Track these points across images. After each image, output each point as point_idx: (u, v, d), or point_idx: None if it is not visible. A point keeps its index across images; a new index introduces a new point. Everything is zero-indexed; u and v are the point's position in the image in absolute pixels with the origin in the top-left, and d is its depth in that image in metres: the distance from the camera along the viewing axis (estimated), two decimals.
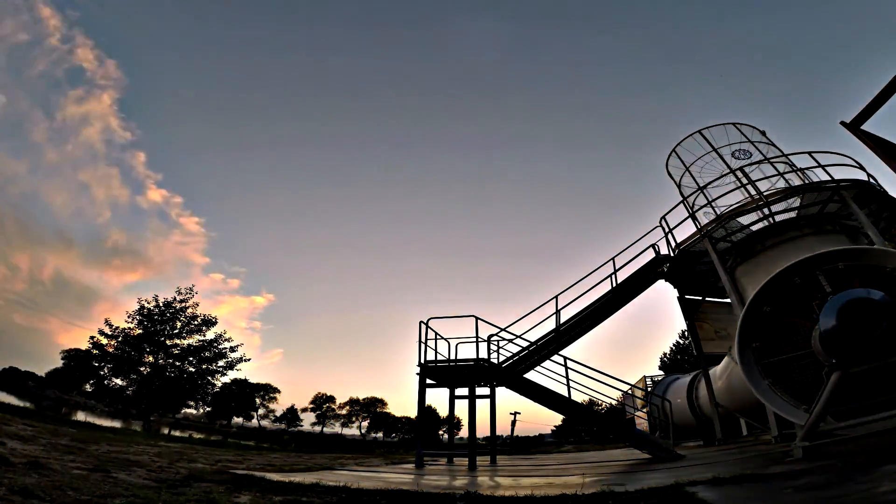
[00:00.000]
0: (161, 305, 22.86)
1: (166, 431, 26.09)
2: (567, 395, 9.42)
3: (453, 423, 25.41)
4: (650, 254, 11.39)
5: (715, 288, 11.68)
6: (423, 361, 9.76)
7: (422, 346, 9.75)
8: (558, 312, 10.79)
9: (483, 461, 10.41)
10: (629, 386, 13.45)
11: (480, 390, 9.79)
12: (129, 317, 22.31)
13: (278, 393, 58.22)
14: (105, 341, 21.78)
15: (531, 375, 10.10)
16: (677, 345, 41.62)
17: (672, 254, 11.17)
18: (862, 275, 5.22)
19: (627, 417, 18.67)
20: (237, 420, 57.49)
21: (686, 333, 34.85)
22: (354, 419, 60.26)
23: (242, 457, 9.14)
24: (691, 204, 11.20)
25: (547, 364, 10.40)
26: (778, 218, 9.28)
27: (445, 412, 43.66)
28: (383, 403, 60.61)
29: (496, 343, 10.65)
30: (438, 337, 10.28)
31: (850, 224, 9.05)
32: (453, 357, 10.28)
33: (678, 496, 3.20)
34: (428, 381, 10.05)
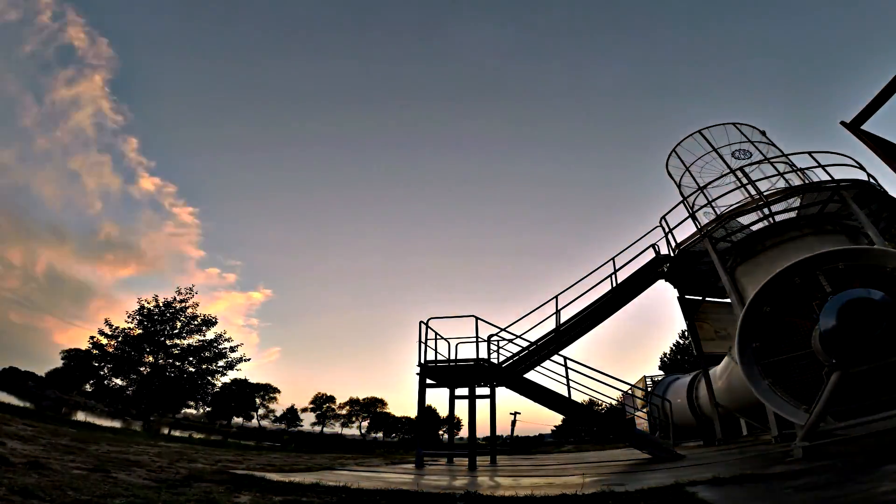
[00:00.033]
0: (161, 305, 22.90)
1: (166, 431, 26.07)
2: (567, 395, 9.42)
3: (453, 423, 25.40)
4: (650, 254, 11.41)
5: (715, 288, 11.68)
6: (423, 361, 9.76)
7: (422, 346, 9.76)
8: (558, 312, 10.80)
9: (483, 461, 10.40)
10: (629, 386, 13.46)
11: (480, 390, 9.79)
12: (129, 317, 22.38)
13: (278, 393, 58.23)
14: (105, 341, 21.81)
15: (531, 375, 10.11)
16: (677, 345, 41.62)
17: (672, 254, 11.18)
18: (862, 275, 5.22)
19: (627, 417, 18.69)
20: (237, 420, 57.45)
21: (686, 333, 34.88)
22: (354, 419, 60.24)
23: (242, 457, 9.14)
24: (691, 204, 11.20)
25: (547, 364, 10.42)
26: (778, 218, 9.29)
27: (445, 412, 43.74)
28: (383, 403, 60.65)
29: (496, 343, 10.66)
30: (438, 337, 10.29)
31: (851, 224, 9.05)
32: (453, 357, 10.28)
33: (678, 496, 3.20)
34: (428, 381, 10.05)
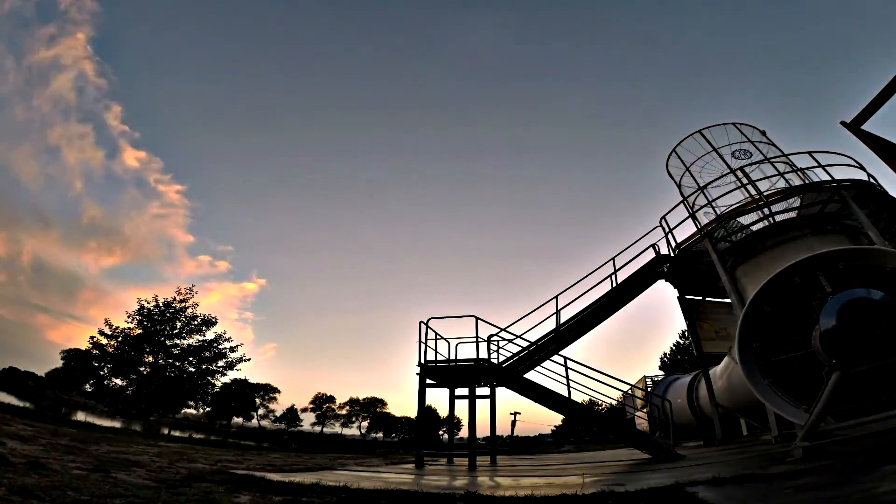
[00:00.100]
0: (161, 305, 22.94)
1: (166, 431, 26.05)
2: (567, 395, 9.42)
3: (453, 423, 25.42)
4: (650, 254, 11.43)
5: (715, 288, 11.68)
6: (423, 361, 9.77)
7: (422, 346, 9.76)
8: (558, 312, 10.81)
9: (483, 461, 10.41)
10: (629, 386, 13.45)
11: (480, 390, 9.79)
12: (129, 317, 22.43)
13: (278, 393, 58.20)
14: (105, 341, 21.82)
15: (531, 375, 10.12)
16: (677, 345, 41.57)
17: (672, 254, 11.18)
18: (862, 275, 5.23)
19: (627, 417, 18.68)
20: (237, 420, 57.40)
21: (686, 333, 34.89)
22: (354, 419, 60.19)
23: (242, 457, 9.14)
24: (691, 204, 11.21)
25: (547, 364, 10.42)
26: (778, 218, 9.29)
27: (445, 412, 43.74)
28: (383, 403, 60.60)
29: (496, 343, 10.66)
30: (438, 337, 10.29)
31: (851, 224, 9.05)
32: (453, 357, 10.28)
33: (678, 496, 3.19)
34: (428, 381, 10.05)
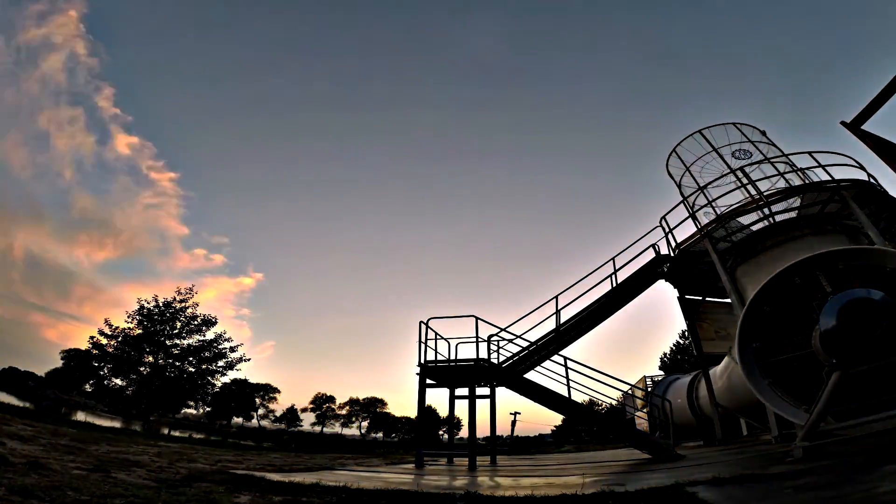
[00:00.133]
0: (161, 305, 22.96)
1: (166, 431, 26.04)
2: (567, 395, 9.42)
3: (453, 423, 25.43)
4: (650, 254, 11.43)
5: (715, 288, 11.69)
6: (423, 361, 9.76)
7: (422, 346, 9.76)
8: (558, 312, 10.81)
9: (483, 461, 10.41)
10: (629, 386, 13.45)
11: (480, 390, 9.79)
12: (129, 317, 22.46)
13: (278, 393, 58.21)
14: (105, 341, 21.83)
15: (531, 375, 10.12)
16: (677, 345, 41.56)
17: (672, 254, 11.18)
18: (862, 275, 5.23)
19: (627, 417, 18.67)
20: (237, 420, 57.38)
21: (686, 333, 34.88)
22: (354, 419, 60.19)
23: (242, 457, 9.14)
24: (691, 204, 11.21)
25: (547, 364, 10.42)
26: (778, 218, 9.29)
27: (445, 412, 43.73)
28: (383, 403, 60.60)
29: (496, 343, 10.66)
30: (438, 337, 10.29)
31: (851, 224, 9.05)
32: (453, 357, 10.28)
33: (678, 496, 3.19)
34: (428, 381, 10.05)
